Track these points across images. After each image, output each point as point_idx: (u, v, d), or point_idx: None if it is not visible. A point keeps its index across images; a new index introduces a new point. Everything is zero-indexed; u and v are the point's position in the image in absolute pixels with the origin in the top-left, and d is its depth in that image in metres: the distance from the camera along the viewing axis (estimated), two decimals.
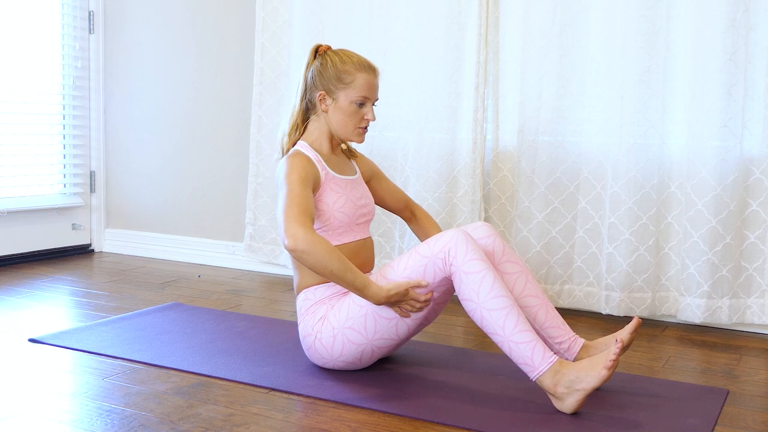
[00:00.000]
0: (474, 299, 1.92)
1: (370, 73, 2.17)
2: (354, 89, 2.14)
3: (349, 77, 2.14)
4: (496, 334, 1.90)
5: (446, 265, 1.97)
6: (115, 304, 2.95)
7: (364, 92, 2.15)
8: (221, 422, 1.81)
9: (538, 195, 3.01)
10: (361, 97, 2.15)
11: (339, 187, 2.18)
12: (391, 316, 2.04)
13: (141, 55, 3.97)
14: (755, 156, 2.72)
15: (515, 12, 3.02)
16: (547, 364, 1.86)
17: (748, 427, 1.90)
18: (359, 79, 2.15)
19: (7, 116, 3.70)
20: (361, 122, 2.18)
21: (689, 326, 2.86)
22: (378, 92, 2.22)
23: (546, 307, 2.11)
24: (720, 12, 2.65)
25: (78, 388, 2.02)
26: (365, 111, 2.17)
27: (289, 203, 2.00)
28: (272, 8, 3.49)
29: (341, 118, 2.17)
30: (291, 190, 2.02)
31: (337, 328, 2.08)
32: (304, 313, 2.16)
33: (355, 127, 2.18)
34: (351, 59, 2.17)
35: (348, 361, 2.12)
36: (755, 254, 2.76)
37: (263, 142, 3.54)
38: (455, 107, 3.12)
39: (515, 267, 2.13)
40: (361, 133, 2.20)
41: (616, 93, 2.84)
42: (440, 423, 1.84)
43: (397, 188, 2.47)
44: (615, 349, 1.83)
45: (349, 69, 2.15)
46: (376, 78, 2.19)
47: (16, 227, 3.74)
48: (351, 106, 2.15)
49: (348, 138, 2.20)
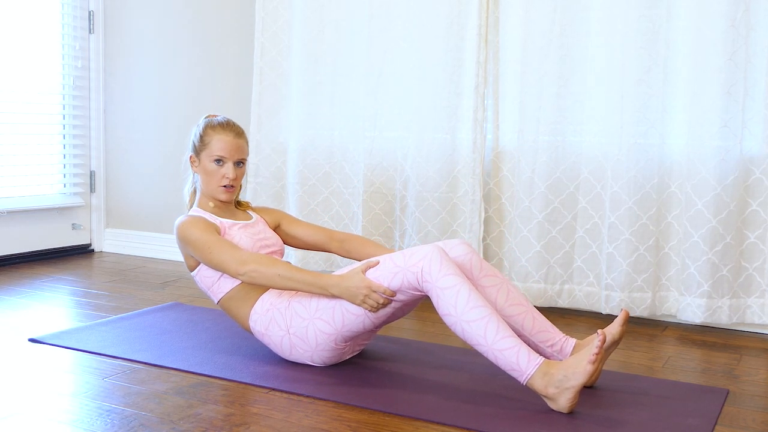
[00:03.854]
0: (453, 313, 1.94)
1: (228, 134, 2.31)
2: (211, 149, 2.30)
3: (207, 138, 2.31)
4: (480, 344, 1.92)
5: (419, 281, 1.98)
6: (115, 304, 2.95)
7: (220, 152, 2.29)
8: (221, 422, 1.81)
9: (538, 195, 3.01)
10: (218, 156, 2.29)
11: (238, 228, 2.32)
12: (358, 312, 2.06)
13: (141, 55, 3.97)
14: (755, 156, 2.72)
15: (515, 12, 3.02)
16: (534, 366, 1.87)
17: (748, 427, 1.90)
18: (215, 139, 2.30)
19: (7, 116, 3.71)
20: (221, 180, 2.31)
21: (689, 326, 2.86)
22: (243, 153, 2.33)
23: (532, 314, 2.12)
24: (720, 12, 2.65)
25: (78, 388, 2.02)
26: (225, 171, 2.30)
27: (213, 249, 2.17)
28: (272, 8, 3.48)
29: (204, 178, 2.34)
30: (206, 241, 2.20)
31: (308, 318, 2.12)
32: (266, 330, 2.21)
33: (217, 185, 2.32)
34: (212, 122, 2.34)
35: (326, 349, 2.15)
36: (755, 254, 2.76)
37: (263, 142, 3.54)
38: (455, 107, 3.12)
39: (494, 280, 2.14)
40: (224, 191, 2.32)
41: (616, 93, 2.84)
42: (440, 423, 1.84)
43: (311, 225, 2.55)
44: (597, 342, 1.84)
45: (209, 131, 2.33)
46: (236, 138, 2.33)
47: (16, 227, 3.74)
48: (211, 165, 2.31)
49: (214, 195, 2.34)
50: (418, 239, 3.17)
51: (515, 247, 3.06)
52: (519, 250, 3.05)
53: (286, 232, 2.50)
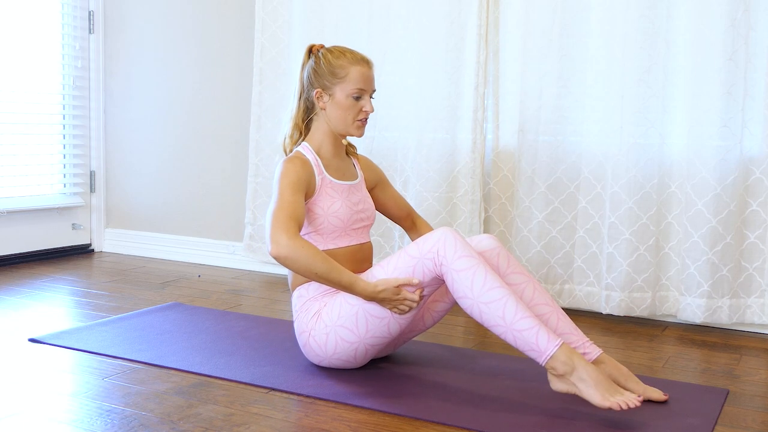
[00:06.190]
0: (469, 295, 1.91)
1: (363, 66, 2.18)
2: (349, 82, 2.15)
3: (342, 71, 2.15)
4: (498, 325, 1.89)
5: (436, 265, 1.96)
6: (115, 304, 2.95)
7: (359, 84, 2.16)
8: (221, 422, 1.81)
9: (538, 195, 3.01)
10: (357, 90, 2.16)
11: (335, 192, 2.18)
12: (383, 315, 2.03)
13: (141, 55, 3.97)
14: (755, 156, 2.72)
15: (515, 12, 3.02)
16: (554, 347, 1.84)
17: (748, 427, 1.90)
18: (353, 72, 2.15)
19: (7, 116, 3.70)
20: (359, 115, 2.18)
21: (689, 326, 2.86)
22: (374, 84, 2.22)
23: (557, 314, 2.08)
24: (720, 12, 2.65)
25: (78, 388, 2.02)
26: (362, 103, 2.18)
27: (277, 208, 2.02)
28: (272, 8, 3.49)
29: (339, 113, 2.17)
30: (281, 195, 2.05)
31: (330, 326, 2.08)
32: (298, 310, 2.16)
33: (353, 120, 2.18)
34: (344, 54, 2.18)
35: (342, 359, 2.12)
36: (755, 254, 2.76)
37: (262, 142, 3.54)
38: (455, 107, 3.12)
39: (521, 277, 2.10)
40: (360, 126, 2.20)
41: (616, 93, 2.84)
42: (440, 423, 1.83)
43: (401, 197, 2.47)
44: (635, 400, 1.81)
45: (342, 63, 2.16)
46: (370, 70, 2.20)
47: (16, 227, 3.74)
48: (348, 99, 2.16)
49: (348, 132, 2.21)
50: None
51: (515, 247, 3.06)
52: (519, 250, 3.05)
53: (377, 196, 2.39)
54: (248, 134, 3.62)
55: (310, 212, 2.15)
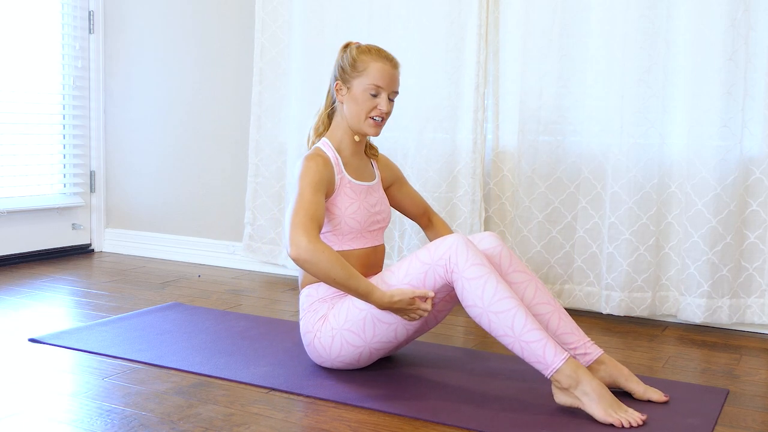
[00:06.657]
0: (479, 304, 1.91)
1: (385, 63, 2.14)
2: (367, 77, 2.12)
3: (362, 65, 2.12)
4: (506, 335, 1.89)
5: (447, 272, 1.96)
6: (115, 304, 2.95)
7: (377, 80, 2.11)
8: (221, 422, 1.81)
9: (538, 195, 3.01)
10: (374, 86, 2.12)
11: (354, 192, 2.17)
12: (391, 321, 2.03)
13: (141, 55, 3.97)
14: (755, 156, 2.72)
15: (515, 12, 3.02)
16: (560, 361, 1.84)
17: (748, 427, 1.90)
18: (373, 67, 2.12)
19: (7, 116, 3.70)
20: (373, 112, 2.13)
21: (689, 326, 2.86)
22: (396, 85, 2.17)
23: (558, 314, 2.07)
24: (720, 12, 2.65)
25: (78, 388, 2.02)
26: (378, 101, 2.13)
27: (297, 208, 2.00)
28: (272, 8, 3.48)
29: (353, 107, 2.14)
30: (302, 195, 2.02)
31: (336, 329, 2.07)
32: (306, 309, 2.16)
33: (366, 116, 2.14)
34: (370, 50, 2.16)
35: (346, 361, 2.12)
36: (755, 254, 2.76)
37: (262, 142, 3.54)
38: (455, 107, 3.12)
39: (523, 276, 2.10)
40: (373, 125, 2.15)
41: (616, 93, 2.84)
42: (440, 423, 1.83)
43: (417, 194, 2.46)
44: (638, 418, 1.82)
45: (364, 58, 2.13)
46: (394, 69, 2.16)
47: (16, 227, 3.74)
48: (364, 94, 2.12)
49: (361, 129, 2.17)
50: (417, 239, 3.17)
51: (515, 247, 3.06)
52: (519, 250, 3.05)
53: (393, 194, 2.39)
54: (248, 134, 3.62)
55: (327, 212, 2.14)
